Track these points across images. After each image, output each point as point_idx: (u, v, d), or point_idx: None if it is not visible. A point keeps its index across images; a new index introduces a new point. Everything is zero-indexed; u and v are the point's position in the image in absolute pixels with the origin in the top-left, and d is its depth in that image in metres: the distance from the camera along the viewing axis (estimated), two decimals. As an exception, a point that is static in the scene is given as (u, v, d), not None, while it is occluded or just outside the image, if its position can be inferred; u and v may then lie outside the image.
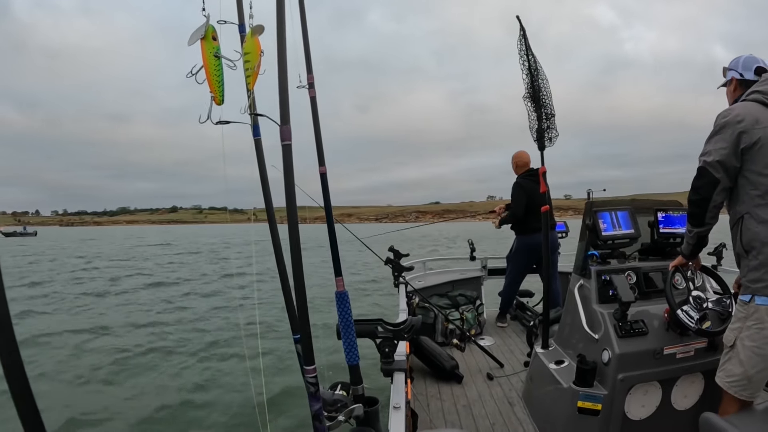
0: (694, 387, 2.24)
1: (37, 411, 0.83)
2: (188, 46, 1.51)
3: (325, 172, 2.18)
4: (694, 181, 1.81)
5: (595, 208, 2.43)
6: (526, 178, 4.17)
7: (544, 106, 2.69)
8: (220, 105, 1.53)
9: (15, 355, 0.80)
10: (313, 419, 1.47)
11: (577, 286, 2.40)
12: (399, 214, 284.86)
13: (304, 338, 1.38)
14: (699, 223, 1.84)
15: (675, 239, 2.45)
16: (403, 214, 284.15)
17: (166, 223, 61.39)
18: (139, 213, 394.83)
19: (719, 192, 1.75)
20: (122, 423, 4.62)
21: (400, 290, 3.89)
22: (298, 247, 1.32)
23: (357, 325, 1.96)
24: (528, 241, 4.19)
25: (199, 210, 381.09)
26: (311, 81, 2.11)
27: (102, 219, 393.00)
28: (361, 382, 1.94)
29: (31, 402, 0.82)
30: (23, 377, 0.81)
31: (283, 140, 1.33)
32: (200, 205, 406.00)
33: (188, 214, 74.39)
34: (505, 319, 4.56)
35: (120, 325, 8.65)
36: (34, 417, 0.82)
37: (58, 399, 5.17)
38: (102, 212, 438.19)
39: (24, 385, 0.80)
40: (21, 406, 0.81)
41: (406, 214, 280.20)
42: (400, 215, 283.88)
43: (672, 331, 2.12)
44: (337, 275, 2.02)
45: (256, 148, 1.96)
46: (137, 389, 5.49)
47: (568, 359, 2.37)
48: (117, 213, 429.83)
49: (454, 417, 2.69)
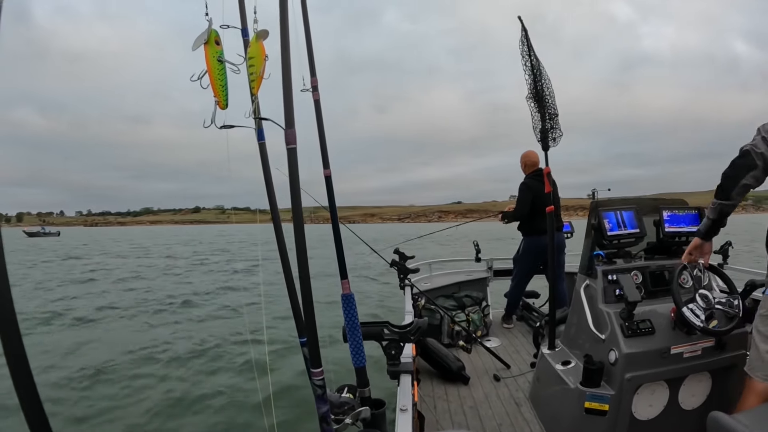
0: (702, 386, 2.23)
1: (42, 410, 0.83)
2: (193, 51, 1.52)
3: (330, 174, 2.19)
4: (735, 159, 1.87)
5: (600, 207, 2.42)
6: (534, 178, 4.14)
7: (547, 106, 2.68)
8: (224, 109, 1.54)
9: (19, 352, 0.81)
10: (320, 421, 1.48)
11: (583, 286, 2.39)
12: (421, 214, 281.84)
13: (311, 341, 1.38)
14: (725, 197, 1.90)
15: (680, 238, 2.44)
16: (425, 214, 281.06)
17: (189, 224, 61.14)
18: (162, 213, 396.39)
19: (751, 177, 1.82)
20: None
21: (405, 292, 3.88)
22: (304, 250, 1.32)
23: (363, 328, 1.96)
24: (535, 243, 4.18)
25: (222, 210, 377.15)
26: (315, 84, 2.12)
27: (126, 219, 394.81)
28: (367, 385, 1.94)
29: (36, 401, 0.82)
30: (29, 376, 0.81)
31: (288, 144, 1.34)
32: (223, 206, 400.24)
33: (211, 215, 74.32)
34: (511, 320, 4.55)
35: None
36: (39, 415, 0.83)
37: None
38: (126, 212, 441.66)
39: (29, 383, 0.81)
40: (26, 404, 0.82)
41: (429, 214, 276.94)
42: (423, 215, 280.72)
43: (679, 330, 2.11)
44: (342, 278, 2.03)
45: (260, 151, 1.97)
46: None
47: (575, 359, 2.37)
48: (140, 213, 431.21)
49: (461, 418, 2.68)
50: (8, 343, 0.80)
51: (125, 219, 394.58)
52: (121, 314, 9.72)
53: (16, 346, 0.80)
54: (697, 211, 2.47)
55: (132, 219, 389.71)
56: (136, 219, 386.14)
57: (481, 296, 4.51)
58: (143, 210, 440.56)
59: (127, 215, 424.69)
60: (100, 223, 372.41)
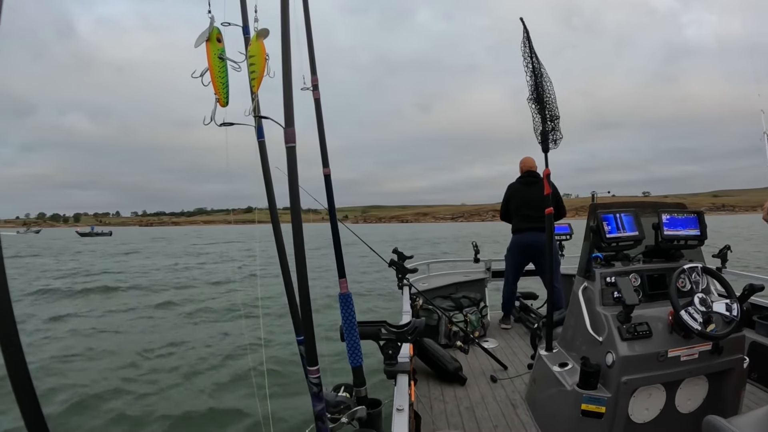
0: (698, 390, 2.23)
1: (38, 406, 0.83)
2: (195, 48, 1.52)
3: (329, 173, 2.19)
4: None
5: (599, 210, 2.42)
6: (518, 181, 4.42)
7: (548, 108, 2.68)
8: (224, 107, 1.53)
9: (17, 348, 0.81)
10: (316, 419, 1.48)
11: (581, 288, 2.39)
12: (475, 213, 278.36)
13: (308, 339, 1.38)
14: None
15: (679, 241, 2.44)
16: (479, 213, 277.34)
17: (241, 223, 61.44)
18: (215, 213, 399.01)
19: None
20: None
21: (403, 292, 3.88)
22: (302, 249, 1.32)
23: (360, 327, 1.96)
24: (514, 240, 4.40)
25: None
26: (315, 83, 2.12)
27: (180, 219, 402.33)
28: (364, 384, 1.94)
29: (32, 396, 0.82)
30: (25, 371, 0.81)
31: (288, 142, 1.33)
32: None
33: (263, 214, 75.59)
34: (509, 321, 4.56)
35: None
36: (35, 411, 0.83)
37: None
38: (180, 213, 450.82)
39: (25, 376, 0.81)
40: (23, 399, 0.82)
41: (483, 213, 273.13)
42: (476, 214, 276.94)
43: (676, 333, 2.11)
44: (340, 277, 2.03)
45: (260, 149, 1.97)
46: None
47: (572, 362, 2.37)
48: (194, 213, 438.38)
49: (457, 419, 2.68)
50: (7, 346, 0.80)
51: (179, 219, 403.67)
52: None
53: (14, 343, 0.80)
54: (696, 214, 2.47)
55: (186, 219, 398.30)
56: (189, 219, 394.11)
57: (479, 297, 4.52)
58: (196, 210, 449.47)
59: (180, 215, 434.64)
60: (155, 223, 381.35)
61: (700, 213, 2.47)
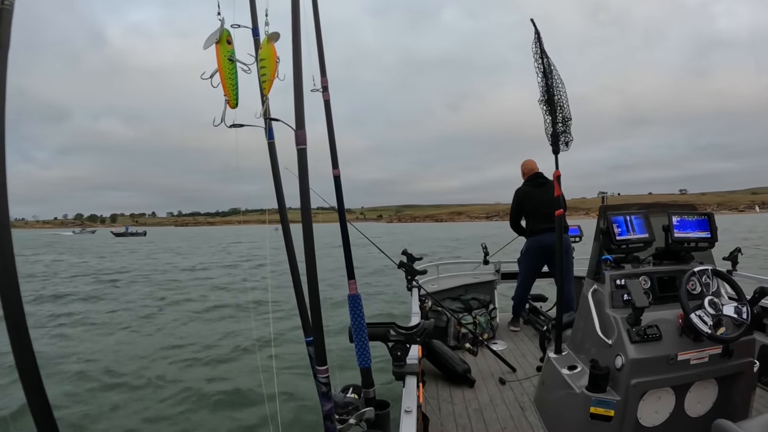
0: (708, 393, 2.21)
1: (49, 407, 0.85)
2: (204, 50, 1.53)
3: (339, 174, 2.19)
4: None
5: (609, 212, 2.41)
6: (527, 184, 4.36)
7: (560, 109, 2.67)
8: (234, 108, 1.54)
9: (28, 351, 0.82)
10: (324, 419, 1.48)
11: (591, 290, 2.38)
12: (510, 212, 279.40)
13: (317, 339, 1.39)
14: None
15: (689, 243, 2.42)
16: None
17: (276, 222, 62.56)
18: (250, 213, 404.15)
19: None
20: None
21: (413, 294, 3.88)
22: (312, 249, 1.33)
23: (369, 329, 1.97)
24: (532, 242, 4.30)
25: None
26: (325, 84, 2.13)
27: (215, 219, 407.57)
28: (372, 385, 1.94)
29: (43, 397, 0.84)
30: (36, 374, 0.83)
31: (299, 144, 1.34)
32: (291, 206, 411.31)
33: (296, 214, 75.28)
34: (518, 323, 4.54)
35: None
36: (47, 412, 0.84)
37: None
38: (215, 213, 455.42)
39: (36, 379, 0.82)
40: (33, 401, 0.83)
41: None
42: None
43: (686, 336, 2.09)
44: (349, 278, 2.03)
45: (269, 151, 1.98)
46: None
47: (581, 364, 2.35)
48: (229, 213, 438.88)
49: (466, 421, 2.68)
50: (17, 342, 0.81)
51: (214, 219, 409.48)
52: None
53: (26, 349, 0.82)
54: (706, 216, 2.44)
55: (221, 219, 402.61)
56: (224, 219, 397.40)
57: (488, 299, 4.51)
58: (231, 210, 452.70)
59: (215, 215, 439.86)
60: (190, 223, 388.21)
61: (711, 215, 2.44)
